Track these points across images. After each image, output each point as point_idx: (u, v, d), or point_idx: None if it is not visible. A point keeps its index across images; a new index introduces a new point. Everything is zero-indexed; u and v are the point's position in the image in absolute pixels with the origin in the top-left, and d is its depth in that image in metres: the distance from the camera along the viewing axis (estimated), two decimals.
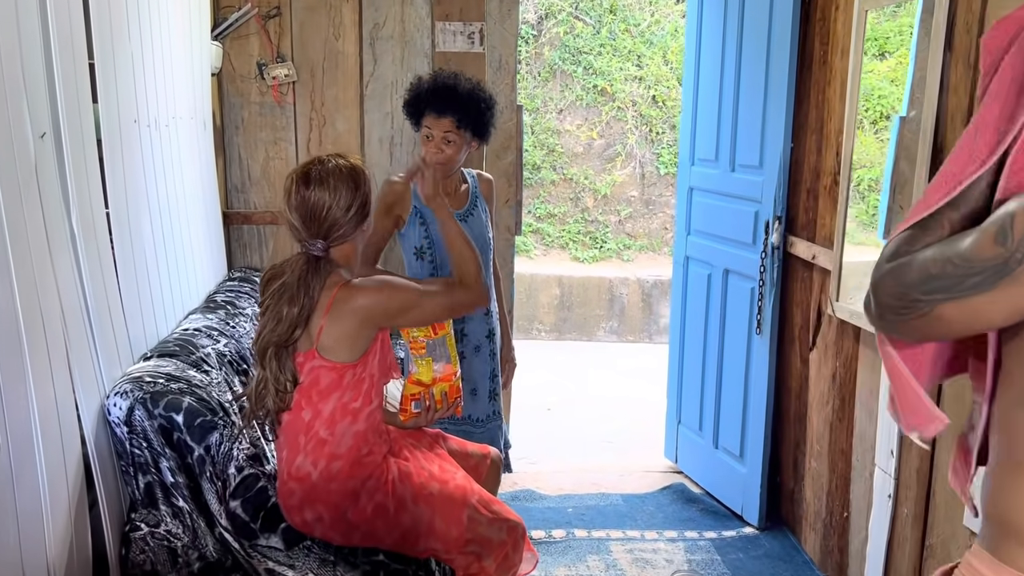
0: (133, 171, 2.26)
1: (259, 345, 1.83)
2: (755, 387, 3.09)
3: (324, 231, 1.83)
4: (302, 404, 1.87)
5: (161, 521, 1.92)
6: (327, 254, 1.85)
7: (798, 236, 2.89)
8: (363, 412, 1.89)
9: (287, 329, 1.79)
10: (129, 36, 2.26)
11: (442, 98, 2.42)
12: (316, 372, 1.84)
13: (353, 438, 1.88)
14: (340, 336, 1.82)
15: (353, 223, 1.85)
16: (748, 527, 3.16)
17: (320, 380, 1.85)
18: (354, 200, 1.84)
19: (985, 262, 0.89)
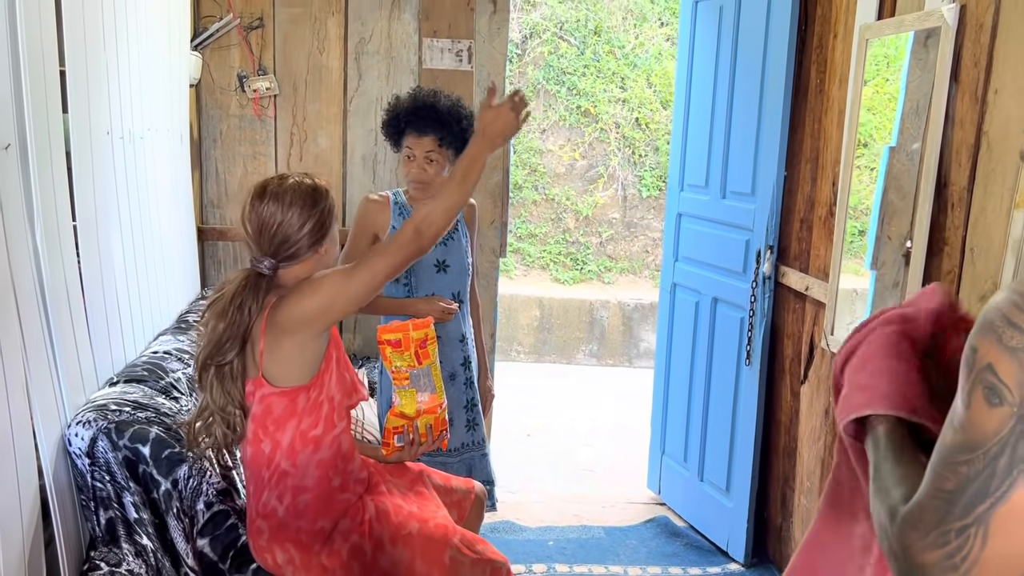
0: (104, 185, 2.15)
1: (196, 365, 1.73)
2: (743, 419, 3.01)
3: (275, 248, 1.73)
4: (260, 435, 1.76)
5: (123, 560, 1.79)
6: (274, 274, 1.75)
7: (790, 266, 2.83)
8: (325, 439, 1.78)
9: (215, 346, 1.68)
10: (104, 44, 2.16)
11: (422, 117, 2.36)
12: (267, 400, 1.73)
13: (318, 467, 1.77)
14: (283, 357, 1.71)
15: (306, 242, 1.75)
16: (733, 563, 3.07)
17: (273, 408, 1.74)
18: (309, 218, 1.74)
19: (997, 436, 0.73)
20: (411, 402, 2.01)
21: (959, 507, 0.74)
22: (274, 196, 1.73)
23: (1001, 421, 0.71)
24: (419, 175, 2.38)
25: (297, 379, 1.73)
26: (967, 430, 0.74)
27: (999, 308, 0.74)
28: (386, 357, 2.00)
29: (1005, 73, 1.86)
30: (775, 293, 2.90)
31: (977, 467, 0.73)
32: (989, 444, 0.72)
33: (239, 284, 1.70)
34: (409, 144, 2.38)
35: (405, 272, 2.40)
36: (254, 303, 1.68)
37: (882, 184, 2.32)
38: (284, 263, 1.75)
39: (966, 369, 0.75)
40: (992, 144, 1.90)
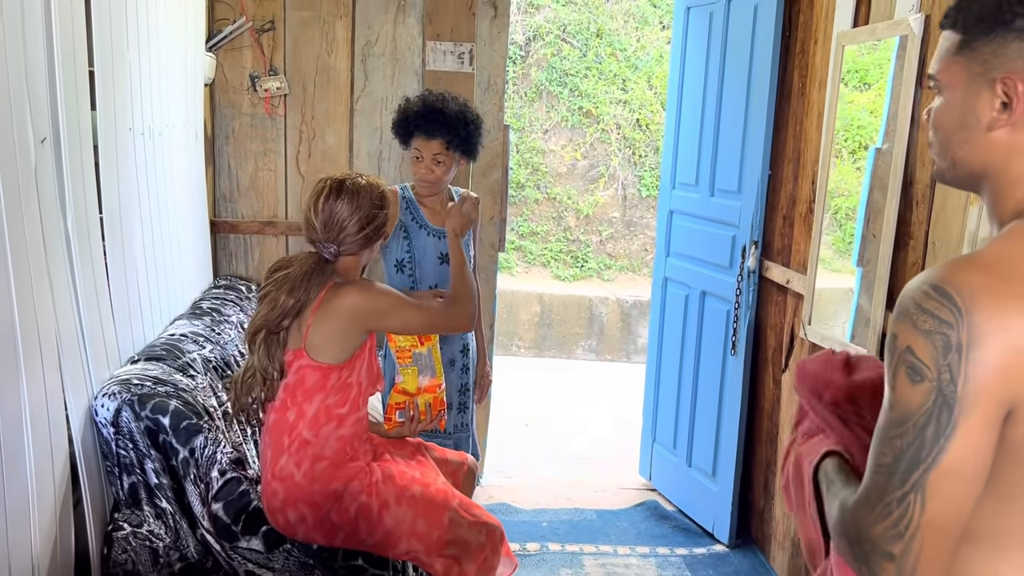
0: (127, 178, 2.30)
1: (251, 328, 1.91)
2: (729, 407, 3.16)
3: (341, 239, 1.92)
4: (288, 404, 1.92)
5: (144, 521, 1.95)
6: (335, 260, 1.93)
7: (773, 261, 2.97)
8: (350, 418, 1.95)
9: (277, 316, 1.87)
10: (127, 45, 2.31)
11: (431, 120, 2.50)
12: (303, 371, 1.90)
13: (338, 441, 1.93)
14: (328, 335, 1.88)
15: (362, 241, 1.95)
16: (719, 545, 3.22)
17: (306, 380, 1.91)
18: (373, 219, 1.94)
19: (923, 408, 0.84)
20: (412, 380, 2.17)
21: (897, 477, 0.85)
22: (351, 194, 1.93)
23: (924, 395, 0.83)
24: (427, 175, 2.54)
25: (334, 358, 1.90)
26: (896, 408, 0.86)
27: (912, 297, 0.86)
28: (391, 338, 2.17)
29: None
30: (759, 286, 3.05)
31: (908, 439, 0.84)
32: (916, 416, 0.84)
33: (309, 265, 1.90)
34: (418, 146, 2.53)
35: (409, 264, 2.56)
36: (318, 283, 1.88)
37: (868, 184, 2.44)
38: (344, 252, 1.95)
39: (889, 355, 0.88)
40: None
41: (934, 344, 0.83)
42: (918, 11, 2.17)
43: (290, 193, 3.46)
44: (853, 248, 2.56)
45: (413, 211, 2.59)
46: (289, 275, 1.89)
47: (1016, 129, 0.93)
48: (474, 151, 2.60)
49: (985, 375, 0.82)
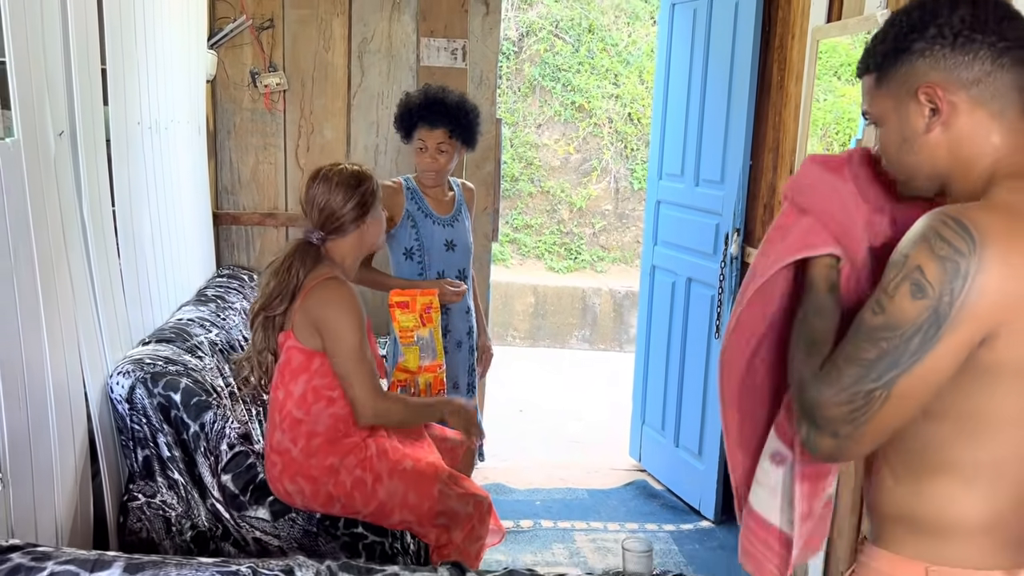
0: (136, 170, 2.42)
1: (251, 312, 2.06)
2: (713, 389, 3.28)
3: (322, 221, 2.04)
4: (278, 383, 2.06)
5: (157, 492, 2.08)
6: (323, 244, 2.05)
7: (755, 247, 3.10)
8: (340, 401, 2.06)
9: (266, 299, 2.00)
10: (135, 44, 2.43)
11: (434, 111, 2.62)
12: (290, 352, 2.03)
13: (330, 419, 2.06)
14: (306, 325, 2.02)
15: (349, 217, 2.05)
16: (705, 521, 3.35)
17: (292, 360, 2.04)
18: (351, 197, 2.05)
19: (916, 321, 0.96)
20: (414, 358, 2.31)
21: (875, 372, 0.99)
22: (324, 178, 2.06)
23: (920, 311, 0.96)
24: (431, 164, 2.65)
25: (315, 344, 2.02)
26: (888, 314, 0.98)
27: (932, 226, 0.99)
28: (395, 318, 2.31)
29: None
30: (741, 272, 3.18)
31: (894, 343, 0.98)
32: (907, 327, 0.97)
33: (291, 249, 2.04)
34: (422, 137, 2.64)
35: (418, 251, 2.69)
36: (302, 266, 2.00)
37: None
38: (331, 235, 2.06)
39: (894, 270, 1.00)
40: None
41: (944, 269, 0.95)
42: (885, 7, 2.29)
43: (290, 186, 3.58)
44: None
45: (418, 201, 2.71)
46: (274, 263, 2.04)
47: (947, 127, 1.07)
48: (474, 139, 2.72)
49: (980, 302, 0.95)
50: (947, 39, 1.05)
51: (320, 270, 2.03)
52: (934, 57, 1.06)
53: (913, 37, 1.07)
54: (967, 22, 1.04)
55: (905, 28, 1.08)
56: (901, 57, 1.08)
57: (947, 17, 1.05)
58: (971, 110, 1.06)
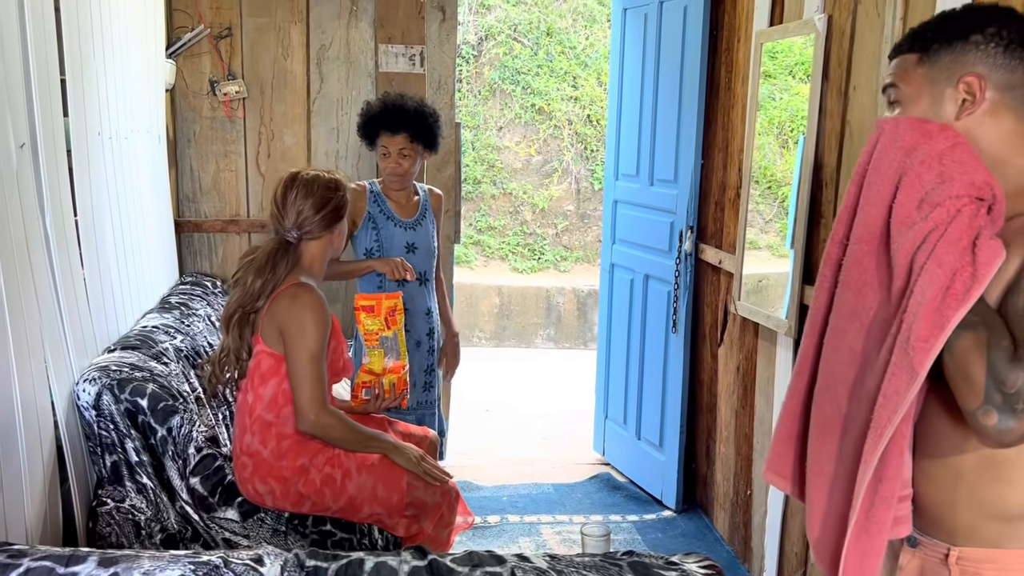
0: (97, 180, 2.45)
1: (226, 312, 2.10)
2: (672, 381, 3.38)
3: (298, 224, 2.11)
4: (247, 386, 2.11)
5: (126, 496, 2.11)
6: (298, 244, 2.12)
7: (708, 243, 3.20)
8: None
9: (249, 298, 2.06)
10: (94, 54, 2.45)
11: (394, 118, 2.74)
12: (260, 356, 2.09)
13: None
14: (273, 327, 2.07)
15: (322, 222, 2.13)
16: (667, 510, 3.45)
17: (262, 364, 2.09)
18: (327, 203, 2.12)
19: None
20: (379, 361, 2.37)
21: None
22: (303, 183, 2.13)
23: None
24: (396, 168, 2.77)
25: (282, 349, 2.07)
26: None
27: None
28: (360, 321, 2.37)
29: (861, 73, 2.24)
30: (696, 268, 3.28)
31: None
32: None
33: (272, 247, 2.09)
34: (384, 143, 2.76)
35: (378, 251, 2.79)
36: (284, 266, 2.07)
37: (799, 170, 2.66)
38: (305, 236, 2.13)
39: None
40: (853, 132, 2.28)
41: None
42: (822, 12, 2.40)
43: (251, 192, 3.61)
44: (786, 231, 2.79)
45: (381, 204, 2.81)
46: (255, 259, 2.08)
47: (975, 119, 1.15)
48: (435, 142, 2.83)
49: None
50: (1003, 41, 1.13)
51: (290, 276, 2.09)
52: (986, 52, 1.14)
53: (972, 29, 1.15)
54: (1022, 33, 1.14)
55: (965, 20, 1.16)
56: (955, 43, 1.15)
57: (1006, 23, 1.14)
58: (1000, 111, 1.15)
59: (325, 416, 2.06)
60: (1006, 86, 1.14)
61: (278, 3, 3.49)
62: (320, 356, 2.05)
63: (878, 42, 2.14)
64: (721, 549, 3.14)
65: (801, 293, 2.49)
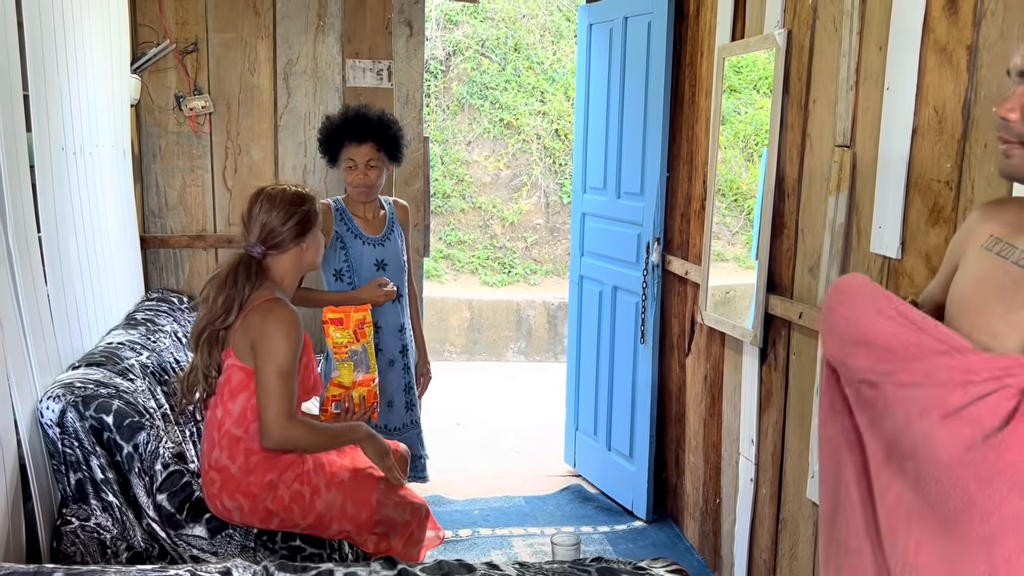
0: (61, 195, 2.42)
1: (195, 330, 2.08)
2: (641, 392, 3.41)
3: (263, 237, 2.10)
4: (217, 401, 2.09)
5: (91, 515, 2.08)
6: (263, 259, 2.11)
7: (674, 255, 3.24)
8: None
9: (214, 315, 2.04)
10: (57, 69, 2.44)
11: (359, 127, 2.69)
12: (230, 370, 2.07)
13: None
14: (245, 343, 2.06)
15: (289, 235, 2.12)
16: (638, 521, 3.46)
17: (232, 378, 2.08)
18: (292, 215, 2.11)
19: None
20: (348, 374, 2.36)
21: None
22: (268, 197, 2.12)
23: None
24: (363, 180, 2.71)
25: (254, 364, 2.06)
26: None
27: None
28: (328, 334, 2.36)
29: (819, 86, 2.29)
30: (663, 279, 3.31)
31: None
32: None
33: (234, 263, 2.08)
34: (350, 155, 2.70)
35: (347, 272, 2.74)
36: (247, 281, 2.05)
37: (763, 182, 2.71)
38: (271, 251, 2.12)
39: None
40: (813, 144, 2.33)
41: None
42: (782, 27, 2.46)
43: (218, 207, 3.59)
44: (751, 243, 2.83)
45: (347, 222, 2.76)
46: (218, 275, 2.08)
47: None
48: (399, 153, 2.80)
49: None
50: None
51: (261, 290, 2.08)
52: None
53: None
54: None
55: None
56: None
57: None
58: None
59: (291, 430, 2.04)
60: None
61: (244, 18, 3.49)
62: (291, 372, 2.04)
63: (836, 56, 2.19)
64: (692, 558, 3.16)
65: (766, 303, 2.53)
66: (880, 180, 2.00)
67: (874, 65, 2.04)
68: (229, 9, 3.47)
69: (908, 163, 1.91)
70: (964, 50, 1.75)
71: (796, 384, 2.43)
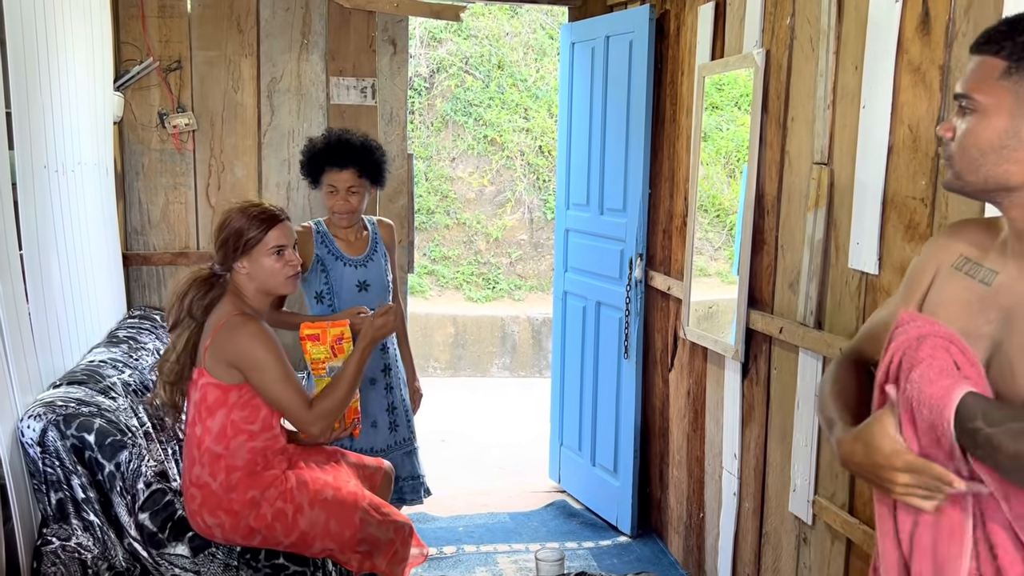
0: (43, 213, 2.42)
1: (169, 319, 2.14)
2: (625, 407, 3.43)
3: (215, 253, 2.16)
4: (195, 419, 2.09)
5: (72, 535, 2.06)
6: (224, 276, 2.14)
7: (656, 270, 3.27)
8: (262, 435, 2.11)
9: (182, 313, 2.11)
10: (40, 87, 2.44)
11: (340, 153, 2.67)
12: (205, 389, 2.07)
13: (249, 452, 2.10)
14: (219, 361, 2.06)
15: (220, 249, 2.14)
16: (622, 536, 3.47)
17: (208, 396, 2.08)
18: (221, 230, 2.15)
19: None
20: None
21: None
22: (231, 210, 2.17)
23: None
24: (344, 206, 2.69)
25: (231, 379, 2.06)
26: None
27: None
28: (306, 350, 2.35)
29: (797, 105, 2.33)
30: (646, 295, 3.34)
31: None
32: None
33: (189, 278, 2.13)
34: (331, 180, 2.68)
35: (328, 293, 2.72)
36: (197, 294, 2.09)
37: (743, 199, 2.74)
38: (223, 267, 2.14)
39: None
40: (792, 161, 2.36)
41: None
42: (760, 46, 2.50)
43: (201, 224, 3.58)
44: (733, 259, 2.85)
45: (328, 244, 2.73)
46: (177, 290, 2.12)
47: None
48: (382, 177, 2.78)
49: None
50: None
51: (224, 306, 2.07)
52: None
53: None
54: None
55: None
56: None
57: None
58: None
59: (318, 408, 2.10)
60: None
61: (228, 37, 3.51)
62: (287, 373, 2.07)
63: (813, 75, 2.23)
64: (676, 573, 3.17)
65: (747, 318, 2.55)
66: (857, 197, 2.04)
67: (850, 84, 2.08)
68: (213, 27, 3.49)
69: (884, 180, 1.94)
70: (937, 70, 1.79)
71: (777, 398, 2.45)
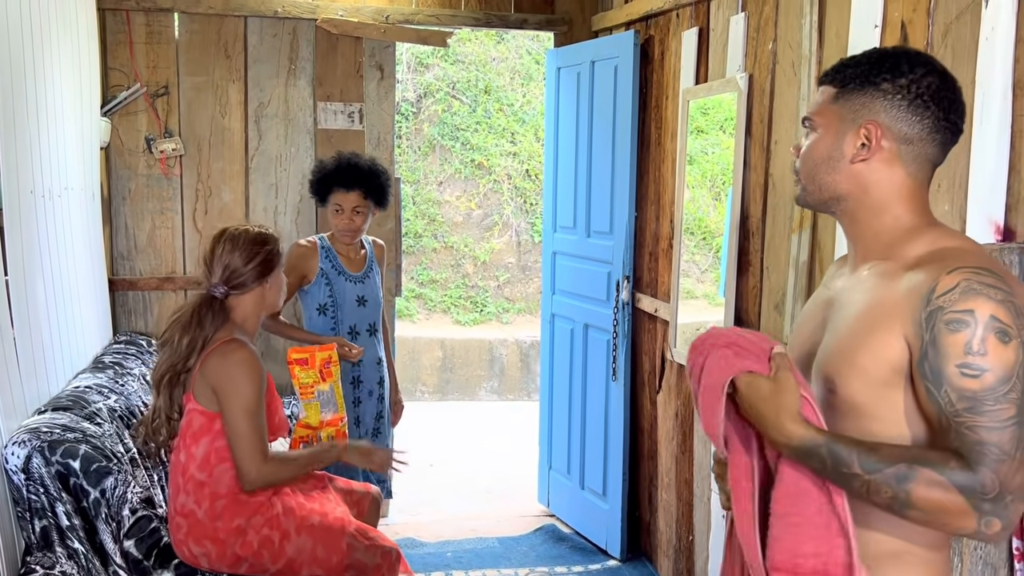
0: (29, 238, 2.41)
1: (156, 373, 2.07)
2: (613, 430, 3.42)
3: (226, 277, 2.10)
4: (180, 446, 2.08)
5: (56, 563, 2.03)
6: (226, 299, 2.11)
7: (644, 292, 3.29)
8: None
9: (178, 356, 2.04)
10: (27, 112, 2.44)
11: (349, 175, 2.82)
12: (191, 415, 2.07)
13: (233, 480, 2.08)
14: (205, 387, 2.06)
15: (252, 276, 2.12)
16: (612, 560, 3.45)
17: (193, 423, 2.07)
18: (255, 256, 2.12)
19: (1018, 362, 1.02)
20: (315, 414, 2.35)
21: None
22: (231, 237, 2.13)
23: (1016, 351, 1.01)
24: (349, 225, 2.85)
25: (216, 406, 2.05)
26: (996, 369, 1.01)
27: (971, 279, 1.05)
28: (294, 375, 2.35)
29: (781, 128, 2.36)
30: (633, 316, 3.35)
31: (1019, 390, 1.01)
32: (1017, 369, 1.00)
33: (197, 302, 2.08)
34: (338, 200, 2.83)
35: (332, 307, 2.84)
36: (211, 321, 2.05)
37: (729, 221, 2.76)
38: (234, 291, 2.11)
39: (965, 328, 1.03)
40: (776, 184, 2.39)
41: (1008, 310, 1.04)
42: (743, 71, 2.53)
43: (188, 249, 3.58)
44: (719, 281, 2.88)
45: (332, 259, 2.89)
46: (181, 317, 2.08)
47: (870, 165, 1.19)
48: (386, 199, 2.95)
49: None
50: (909, 94, 1.15)
51: (222, 332, 2.07)
52: (892, 103, 1.16)
53: (885, 77, 1.17)
54: (931, 89, 1.16)
55: (884, 66, 1.17)
56: (867, 88, 1.18)
57: (919, 76, 1.16)
58: (894, 162, 1.18)
59: (266, 468, 2.05)
60: (903, 139, 1.17)
61: (216, 62, 3.52)
62: (257, 411, 2.03)
63: (795, 99, 2.26)
64: None
65: None
66: None
67: None
68: (200, 53, 3.50)
69: None
70: None
71: None
